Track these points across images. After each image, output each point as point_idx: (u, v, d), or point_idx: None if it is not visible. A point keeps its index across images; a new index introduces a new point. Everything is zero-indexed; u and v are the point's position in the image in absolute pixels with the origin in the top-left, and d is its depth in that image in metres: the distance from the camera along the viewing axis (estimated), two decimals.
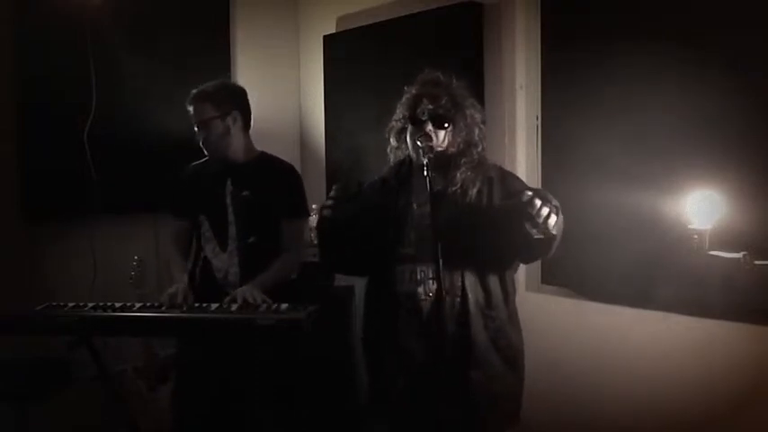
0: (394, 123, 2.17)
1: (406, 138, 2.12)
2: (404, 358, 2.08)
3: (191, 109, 2.54)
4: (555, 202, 1.86)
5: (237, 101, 2.59)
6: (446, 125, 2.05)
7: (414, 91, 2.09)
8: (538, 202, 1.78)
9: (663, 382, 2.55)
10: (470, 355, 2.03)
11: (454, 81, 2.10)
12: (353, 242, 2.08)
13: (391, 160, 2.22)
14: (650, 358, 2.60)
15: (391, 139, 2.19)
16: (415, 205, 2.11)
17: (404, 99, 2.12)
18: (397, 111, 2.15)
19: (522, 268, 2.95)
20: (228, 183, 2.56)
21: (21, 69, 3.10)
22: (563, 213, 2.21)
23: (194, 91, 2.55)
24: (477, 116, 2.12)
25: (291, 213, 2.61)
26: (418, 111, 2.04)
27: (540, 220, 1.80)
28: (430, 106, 2.02)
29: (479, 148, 2.11)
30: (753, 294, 2.21)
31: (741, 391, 2.34)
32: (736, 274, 2.05)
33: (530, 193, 1.79)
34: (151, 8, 3.45)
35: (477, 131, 2.10)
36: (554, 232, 1.89)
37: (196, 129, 2.54)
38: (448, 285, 2.01)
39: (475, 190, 2.07)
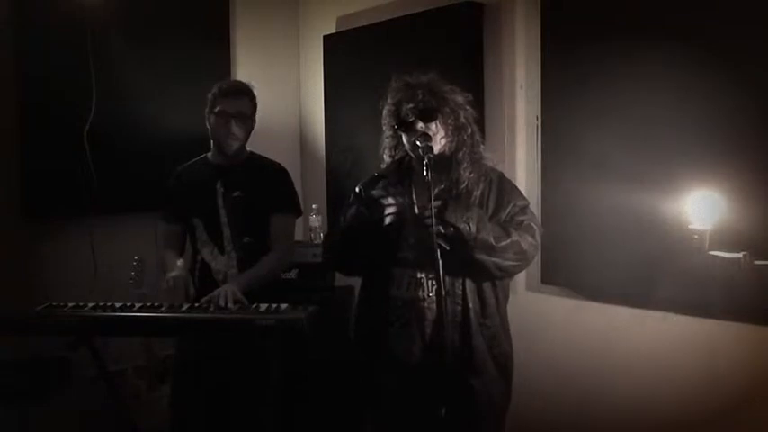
0: (386, 141, 2.19)
1: (401, 149, 2.15)
2: (401, 364, 2.08)
3: (225, 100, 2.49)
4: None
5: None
6: (433, 116, 2.05)
7: (390, 100, 2.10)
8: None
9: (663, 382, 2.55)
10: (470, 362, 2.03)
11: (423, 76, 2.10)
12: (359, 250, 2.11)
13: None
14: (650, 358, 2.60)
15: (386, 158, 2.20)
16: (416, 207, 2.11)
17: (384, 114, 2.13)
18: (384, 129, 2.17)
19: None
20: (219, 185, 2.55)
21: (21, 69, 3.10)
22: (562, 214, 2.22)
23: (228, 83, 2.56)
24: (459, 98, 2.11)
25: (281, 210, 2.60)
26: (402, 114, 2.04)
27: None
28: (410, 105, 2.03)
29: (469, 131, 2.11)
30: (753, 294, 2.21)
31: (741, 391, 2.34)
32: (736, 274, 2.05)
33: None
34: (151, 8, 3.45)
35: (462, 113, 2.10)
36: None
37: (228, 118, 2.48)
38: (449, 291, 2.01)
39: (478, 192, 2.08)
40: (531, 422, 2.81)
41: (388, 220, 2.01)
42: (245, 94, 2.55)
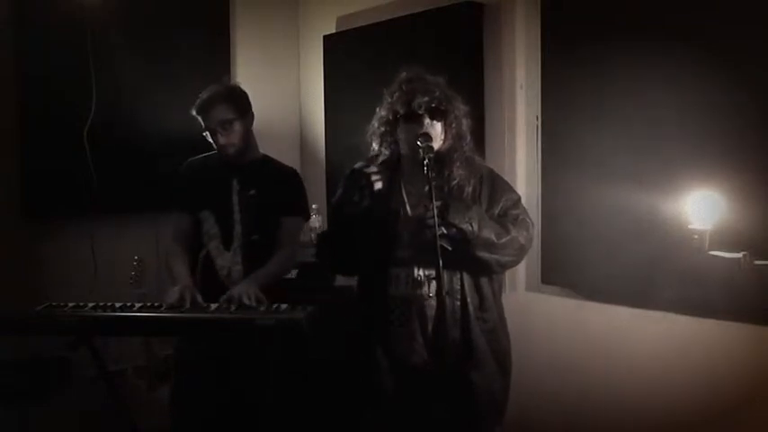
0: (376, 126, 2.15)
1: (390, 140, 2.12)
2: (401, 363, 2.08)
3: (205, 114, 2.49)
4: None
5: (248, 102, 2.60)
6: (441, 116, 2.05)
7: (404, 88, 2.07)
8: None
9: (663, 381, 2.55)
10: (470, 357, 2.04)
11: (430, 77, 2.09)
12: (352, 248, 2.11)
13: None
14: (650, 358, 2.60)
15: (374, 144, 2.17)
16: (408, 206, 2.11)
17: (393, 98, 2.09)
18: (381, 113, 2.13)
19: (522, 268, 2.96)
20: (235, 182, 2.57)
21: (21, 69, 3.11)
22: (563, 214, 2.21)
23: (205, 95, 2.52)
24: (462, 108, 2.12)
25: (291, 212, 2.61)
26: (414, 105, 2.02)
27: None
28: (425, 98, 2.01)
29: (467, 139, 2.12)
30: (753, 294, 2.21)
31: (741, 391, 2.34)
32: (737, 274, 2.05)
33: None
34: (151, 8, 3.45)
35: (464, 123, 2.11)
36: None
37: (213, 131, 2.48)
38: (447, 287, 2.01)
39: (470, 188, 2.08)
40: (531, 422, 2.81)
41: (377, 221, 2.00)
42: (219, 101, 2.50)
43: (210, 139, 2.54)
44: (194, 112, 2.52)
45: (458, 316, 2.04)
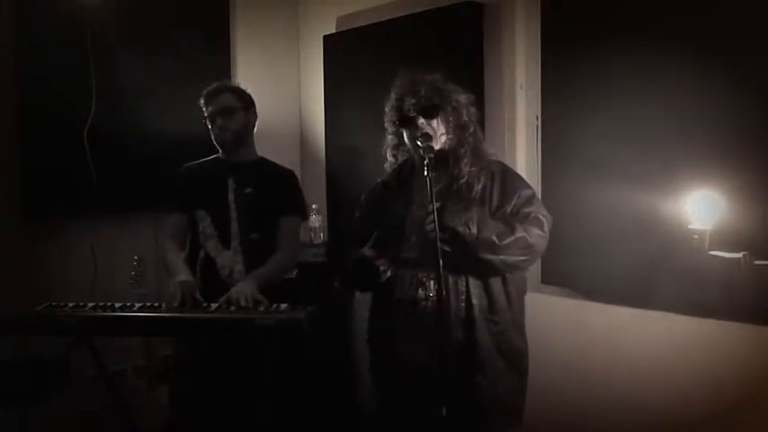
0: (388, 139, 2.19)
1: (404, 148, 2.15)
2: (407, 363, 2.08)
3: (210, 101, 2.57)
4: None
5: (252, 100, 2.67)
6: (434, 113, 2.06)
7: (393, 94, 2.11)
8: None
9: (662, 382, 2.55)
10: (475, 359, 2.03)
11: (428, 75, 2.10)
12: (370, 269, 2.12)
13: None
14: (650, 358, 2.60)
15: (389, 157, 2.21)
16: (415, 207, 2.11)
17: (388, 108, 2.14)
18: (386, 126, 2.17)
19: None
20: (231, 181, 2.58)
21: (21, 69, 3.10)
22: (563, 214, 2.19)
23: (212, 86, 2.61)
24: (462, 98, 2.12)
25: (289, 212, 2.63)
26: (404, 109, 2.05)
27: None
28: (412, 100, 2.04)
29: (471, 129, 2.12)
30: (753, 294, 2.21)
31: (741, 391, 2.34)
32: (736, 274, 2.05)
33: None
34: (151, 8, 3.45)
35: (465, 113, 2.11)
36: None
37: (214, 117, 2.56)
38: (452, 289, 2.01)
39: (480, 186, 2.08)
40: (531, 422, 2.81)
41: (387, 225, 2.01)
42: (225, 91, 2.61)
43: (210, 126, 2.59)
44: (201, 101, 2.60)
45: (461, 316, 2.04)
